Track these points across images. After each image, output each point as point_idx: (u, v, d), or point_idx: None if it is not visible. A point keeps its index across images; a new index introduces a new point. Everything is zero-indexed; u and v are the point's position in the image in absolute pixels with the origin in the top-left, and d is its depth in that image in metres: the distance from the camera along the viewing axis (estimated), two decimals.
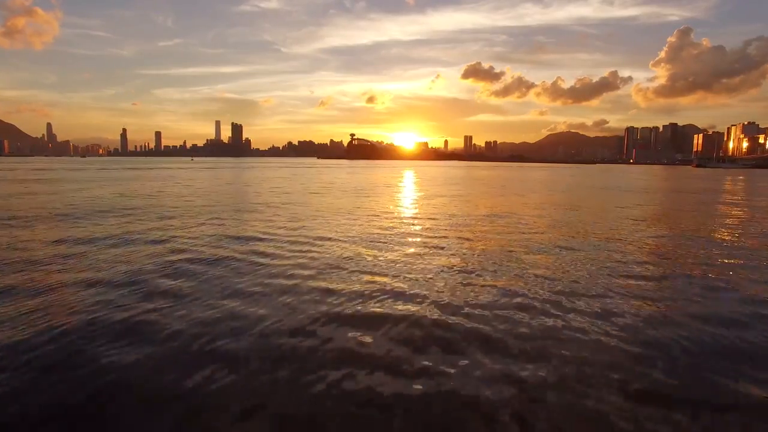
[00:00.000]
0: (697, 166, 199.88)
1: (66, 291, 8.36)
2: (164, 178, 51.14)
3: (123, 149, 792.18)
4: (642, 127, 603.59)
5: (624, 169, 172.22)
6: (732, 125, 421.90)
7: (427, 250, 12.60)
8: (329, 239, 13.90)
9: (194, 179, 50.59)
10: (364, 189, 37.75)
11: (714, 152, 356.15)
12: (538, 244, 13.67)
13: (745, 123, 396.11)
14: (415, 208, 23.93)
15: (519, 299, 8.21)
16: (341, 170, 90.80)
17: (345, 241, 13.59)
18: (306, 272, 9.90)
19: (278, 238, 13.91)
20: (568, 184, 52.31)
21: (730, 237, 15.74)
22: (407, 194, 34.16)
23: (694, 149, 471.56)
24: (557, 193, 36.06)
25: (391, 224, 17.38)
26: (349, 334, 6.56)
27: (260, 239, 13.72)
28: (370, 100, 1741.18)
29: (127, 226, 16.06)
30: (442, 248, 12.81)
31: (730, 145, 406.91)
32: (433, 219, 19.01)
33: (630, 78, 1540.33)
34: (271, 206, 22.92)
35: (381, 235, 14.93)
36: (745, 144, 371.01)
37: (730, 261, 11.84)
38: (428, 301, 8.06)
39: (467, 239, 14.30)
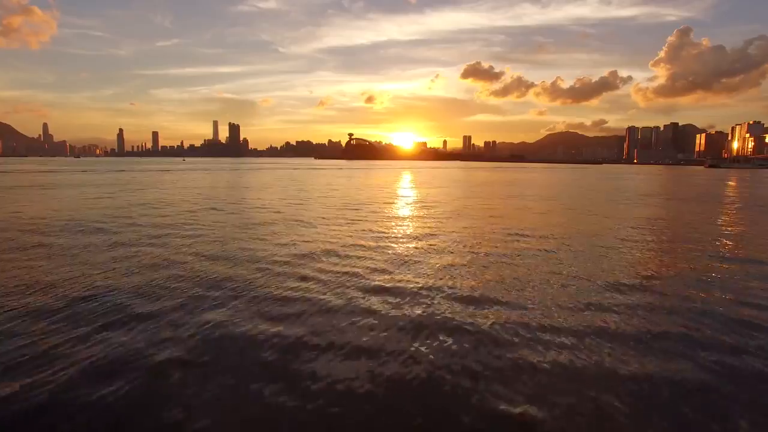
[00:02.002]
0: (710, 166, 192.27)
1: None
2: (112, 185, 42.66)
3: (120, 149, 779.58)
4: (643, 127, 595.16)
5: (633, 169, 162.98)
6: (736, 124, 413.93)
7: None
8: None
9: (151, 186, 42.10)
10: (358, 204, 29.36)
11: (717, 152, 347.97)
12: None
13: (750, 122, 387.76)
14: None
15: None
16: (337, 172, 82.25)
17: None
18: None
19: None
20: (606, 191, 44.10)
21: None
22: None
23: (697, 149, 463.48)
24: (629, 209, 27.66)
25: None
26: None
27: None
28: (369, 100, 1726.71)
29: None
30: None
31: (735, 144, 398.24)
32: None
33: (629, 78, 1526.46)
34: (195, 255, 14.31)
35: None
36: (750, 144, 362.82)
37: None
38: None
39: None
